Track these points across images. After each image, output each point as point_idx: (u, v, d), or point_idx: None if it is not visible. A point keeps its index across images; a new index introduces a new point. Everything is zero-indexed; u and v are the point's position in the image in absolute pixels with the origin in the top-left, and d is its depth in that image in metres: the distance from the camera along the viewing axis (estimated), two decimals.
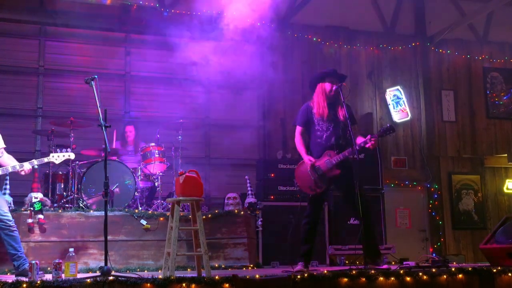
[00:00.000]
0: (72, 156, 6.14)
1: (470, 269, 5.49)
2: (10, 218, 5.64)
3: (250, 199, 8.12)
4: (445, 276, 5.29)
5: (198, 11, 9.90)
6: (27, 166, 5.72)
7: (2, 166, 5.83)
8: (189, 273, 6.00)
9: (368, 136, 5.94)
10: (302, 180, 6.14)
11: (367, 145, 5.93)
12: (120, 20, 9.93)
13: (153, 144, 8.10)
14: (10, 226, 5.61)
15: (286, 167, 8.56)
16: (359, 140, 5.96)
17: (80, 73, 9.35)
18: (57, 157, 6.01)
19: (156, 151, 8.02)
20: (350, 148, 5.86)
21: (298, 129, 6.24)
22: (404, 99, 11.26)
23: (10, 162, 5.82)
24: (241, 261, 7.19)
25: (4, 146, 5.97)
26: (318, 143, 6.09)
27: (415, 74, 11.66)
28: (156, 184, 8.09)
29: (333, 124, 6.08)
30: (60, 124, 7.79)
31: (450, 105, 11.65)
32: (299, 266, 5.86)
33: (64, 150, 6.13)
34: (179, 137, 8.31)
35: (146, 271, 6.58)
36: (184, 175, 5.50)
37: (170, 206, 5.99)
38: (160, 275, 5.01)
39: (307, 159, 6.01)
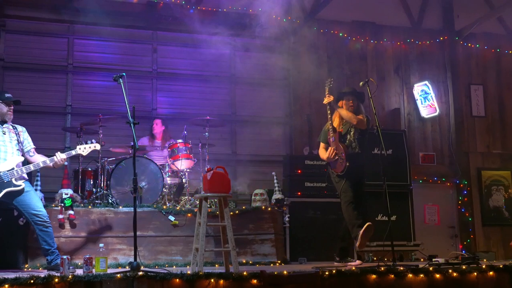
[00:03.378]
0: (98, 146, 6.21)
1: (501, 266, 5.43)
2: (45, 214, 5.76)
3: (277, 195, 8.12)
4: (475, 274, 5.24)
5: (224, 7, 9.92)
6: (57, 157, 5.81)
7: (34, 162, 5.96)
8: (217, 269, 6.03)
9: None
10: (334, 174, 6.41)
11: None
12: (147, 18, 10.00)
13: (180, 140, 8.15)
14: (45, 222, 5.73)
15: (313, 163, 8.55)
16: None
17: (108, 71, 9.45)
18: (83, 149, 6.09)
19: (184, 148, 8.08)
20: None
21: (322, 145, 6.78)
22: (432, 94, 11.13)
23: (41, 158, 5.93)
24: (269, 257, 7.20)
25: (34, 146, 6.08)
26: None
27: (443, 69, 11.51)
28: (183, 181, 8.14)
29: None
30: (89, 121, 7.88)
31: (480, 100, 11.48)
32: (357, 261, 5.96)
33: (89, 141, 6.19)
34: (206, 133, 8.34)
35: (174, 267, 6.63)
36: (211, 172, 5.53)
37: (197, 202, 6.03)
38: (188, 270, 5.05)
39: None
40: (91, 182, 7.68)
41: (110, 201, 7.31)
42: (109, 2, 9.53)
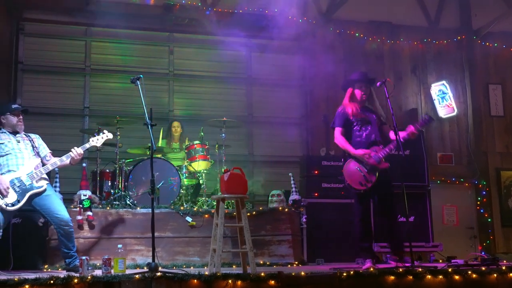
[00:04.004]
0: (110, 135, 6.23)
1: None
2: (67, 217, 5.75)
3: (294, 196, 8.11)
4: (495, 275, 5.19)
5: (240, 9, 9.94)
6: (73, 152, 5.85)
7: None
8: (235, 270, 6.04)
9: (409, 129, 6.03)
10: (352, 176, 6.20)
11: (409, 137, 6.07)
12: (163, 20, 10.05)
13: (197, 142, 8.19)
14: (67, 225, 5.72)
15: (329, 164, 8.52)
16: (402, 133, 6.05)
17: (125, 72, 9.54)
18: (96, 140, 6.13)
19: (200, 149, 8.10)
20: (394, 142, 5.91)
21: (338, 129, 6.37)
22: (450, 94, 11.06)
23: (57, 158, 5.96)
24: (286, 258, 7.18)
25: (50, 151, 6.12)
26: (358, 142, 6.20)
27: (460, 69, 11.42)
28: (200, 182, 8.16)
29: (370, 123, 6.18)
30: (106, 123, 7.93)
31: (498, 99, 11.37)
32: (368, 264, 5.87)
33: (101, 132, 6.23)
34: (223, 134, 8.36)
35: (192, 267, 6.65)
36: (228, 173, 5.54)
37: (214, 203, 6.04)
38: (206, 271, 5.06)
39: (360, 152, 6.09)
40: (109, 184, 7.72)
41: (128, 202, 7.35)
42: (126, 5, 9.60)
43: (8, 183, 5.57)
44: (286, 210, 7.50)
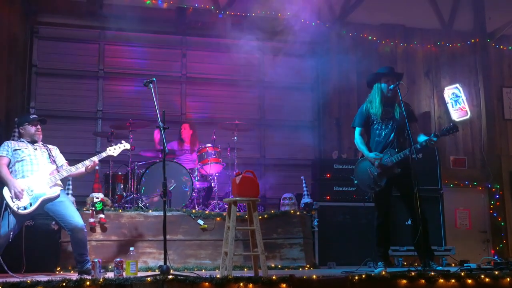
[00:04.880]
0: (127, 146, 6.27)
1: None
2: (80, 224, 5.74)
3: (306, 199, 8.11)
4: (508, 279, 5.13)
5: (253, 12, 9.95)
6: (89, 161, 5.90)
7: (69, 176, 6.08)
8: (246, 273, 6.03)
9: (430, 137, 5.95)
10: (362, 179, 6.18)
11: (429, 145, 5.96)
12: (176, 23, 10.08)
13: (209, 145, 8.21)
14: (80, 231, 5.73)
15: (341, 167, 8.49)
16: (421, 138, 5.96)
17: (138, 76, 9.57)
18: (113, 150, 6.16)
19: (213, 152, 8.12)
20: (410, 147, 5.83)
21: (358, 130, 6.32)
22: (463, 97, 11.00)
23: (73, 166, 6.00)
24: (298, 262, 7.18)
25: (66, 161, 6.18)
26: (377, 142, 6.17)
27: (474, 72, 11.35)
28: (212, 185, 8.18)
29: (392, 123, 6.12)
30: (119, 126, 7.97)
31: None
32: (379, 267, 5.84)
33: (119, 143, 6.27)
34: (235, 137, 8.37)
35: (203, 270, 6.66)
36: (240, 176, 5.54)
37: (226, 206, 6.04)
38: (217, 274, 5.06)
39: (373, 155, 6.03)
40: (122, 186, 7.77)
41: (140, 205, 7.38)
42: (139, 8, 9.64)
43: (22, 187, 5.63)
44: (298, 213, 7.50)
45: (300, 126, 10.49)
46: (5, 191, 5.64)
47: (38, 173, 5.79)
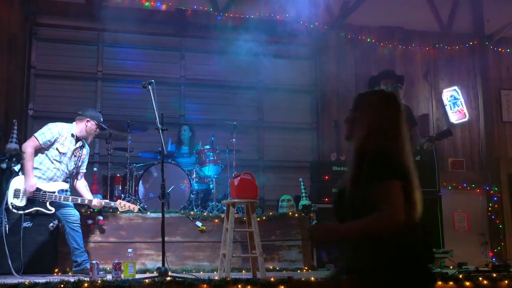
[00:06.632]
0: (135, 209, 6.36)
1: None
2: (77, 213, 5.90)
3: (304, 201, 8.10)
4: (506, 281, 5.16)
5: (252, 14, 9.95)
6: (94, 202, 6.00)
7: (75, 188, 6.15)
8: (244, 275, 6.03)
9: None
10: None
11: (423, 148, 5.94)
12: (175, 25, 10.08)
13: (208, 146, 8.21)
14: (76, 221, 5.87)
15: (340, 169, 8.50)
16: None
17: (137, 78, 9.54)
18: (123, 205, 6.24)
19: (211, 154, 8.12)
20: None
21: None
22: (462, 99, 11.01)
23: (84, 193, 6.08)
24: (296, 264, 7.18)
25: (85, 171, 6.25)
26: None
27: (473, 74, 11.36)
28: (211, 186, 8.17)
29: None
30: (118, 128, 7.97)
31: (510, 105, 11.29)
32: None
33: (131, 202, 6.46)
34: (233, 139, 8.37)
35: (201, 272, 6.66)
36: (239, 178, 5.56)
37: (225, 208, 6.05)
38: (215, 276, 5.07)
39: None
40: (120, 188, 7.76)
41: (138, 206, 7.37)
42: (138, 10, 9.64)
43: (34, 189, 5.70)
44: (296, 215, 7.51)
45: (299, 128, 10.49)
46: (15, 182, 5.67)
47: (51, 185, 5.87)
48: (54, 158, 5.89)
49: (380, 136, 2.74)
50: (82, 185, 6.29)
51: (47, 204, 5.82)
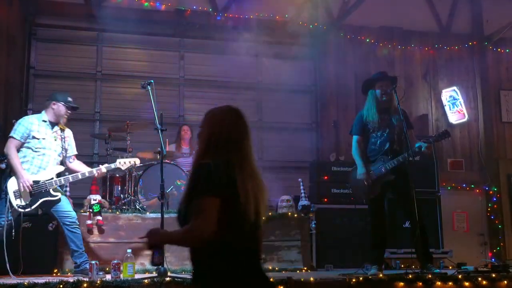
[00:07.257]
0: (137, 161, 6.31)
1: None
2: (75, 215, 5.90)
3: (304, 201, 8.10)
4: (505, 282, 5.16)
5: (251, 14, 9.95)
6: (95, 171, 5.97)
7: (71, 171, 6.10)
8: None
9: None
10: (356, 185, 6.19)
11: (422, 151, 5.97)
12: (174, 25, 10.09)
13: None
14: (73, 223, 5.86)
15: (339, 170, 8.50)
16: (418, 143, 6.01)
17: (136, 78, 9.54)
18: (123, 163, 6.20)
19: None
20: (404, 154, 5.86)
21: (355, 138, 6.32)
22: (461, 100, 11.01)
23: (82, 168, 6.05)
24: (295, 264, 7.17)
25: (76, 153, 6.21)
26: (373, 149, 6.17)
27: (472, 74, 11.37)
28: None
29: (388, 130, 6.09)
30: (117, 128, 7.96)
31: (510, 106, 11.30)
32: (373, 270, 5.84)
33: (131, 157, 6.35)
34: None
35: None
36: None
37: None
38: None
39: (361, 174, 6.03)
40: (119, 188, 7.74)
41: (137, 207, 7.37)
42: (137, 11, 9.64)
43: (31, 182, 5.66)
44: (296, 215, 7.50)
45: (298, 128, 10.49)
46: (11, 184, 5.65)
47: (45, 172, 5.82)
48: (36, 146, 5.86)
49: (215, 151, 2.91)
50: (77, 163, 6.21)
51: (51, 191, 5.81)
